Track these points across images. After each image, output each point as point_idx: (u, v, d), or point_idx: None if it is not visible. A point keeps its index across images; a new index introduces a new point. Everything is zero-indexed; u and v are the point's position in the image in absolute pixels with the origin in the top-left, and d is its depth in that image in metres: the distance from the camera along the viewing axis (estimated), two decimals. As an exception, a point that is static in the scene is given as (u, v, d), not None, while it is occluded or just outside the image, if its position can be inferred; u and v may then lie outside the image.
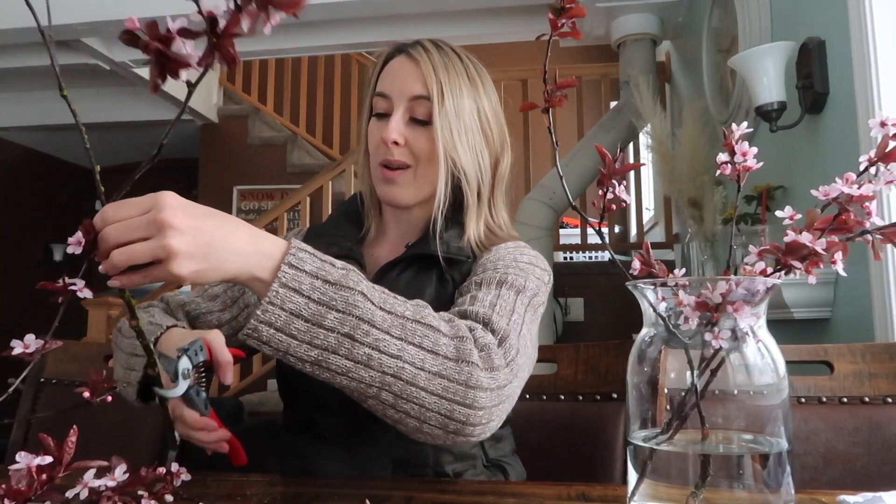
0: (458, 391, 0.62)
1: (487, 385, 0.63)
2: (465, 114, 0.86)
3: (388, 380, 0.60)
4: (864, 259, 1.35)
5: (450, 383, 0.62)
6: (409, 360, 0.60)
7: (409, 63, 0.86)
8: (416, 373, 0.60)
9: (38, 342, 0.44)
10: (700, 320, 0.47)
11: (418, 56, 0.86)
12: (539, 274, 0.84)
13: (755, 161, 0.53)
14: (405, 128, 0.85)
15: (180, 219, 0.55)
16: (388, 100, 0.86)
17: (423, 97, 0.85)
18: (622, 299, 3.11)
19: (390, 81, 0.87)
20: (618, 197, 0.54)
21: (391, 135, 0.84)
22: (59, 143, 5.41)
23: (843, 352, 0.92)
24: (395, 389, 0.60)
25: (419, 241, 0.90)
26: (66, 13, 3.04)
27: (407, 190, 0.87)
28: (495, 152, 0.91)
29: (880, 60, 1.32)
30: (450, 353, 0.63)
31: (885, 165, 0.47)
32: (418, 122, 0.86)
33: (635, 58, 3.08)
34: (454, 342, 0.64)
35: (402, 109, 0.85)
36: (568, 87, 0.55)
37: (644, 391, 0.52)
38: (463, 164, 0.86)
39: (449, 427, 0.63)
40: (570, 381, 1.01)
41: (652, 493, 0.50)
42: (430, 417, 0.62)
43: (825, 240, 0.46)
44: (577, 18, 0.54)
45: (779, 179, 1.82)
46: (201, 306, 0.94)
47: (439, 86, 0.84)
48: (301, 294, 0.57)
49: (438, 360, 0.62)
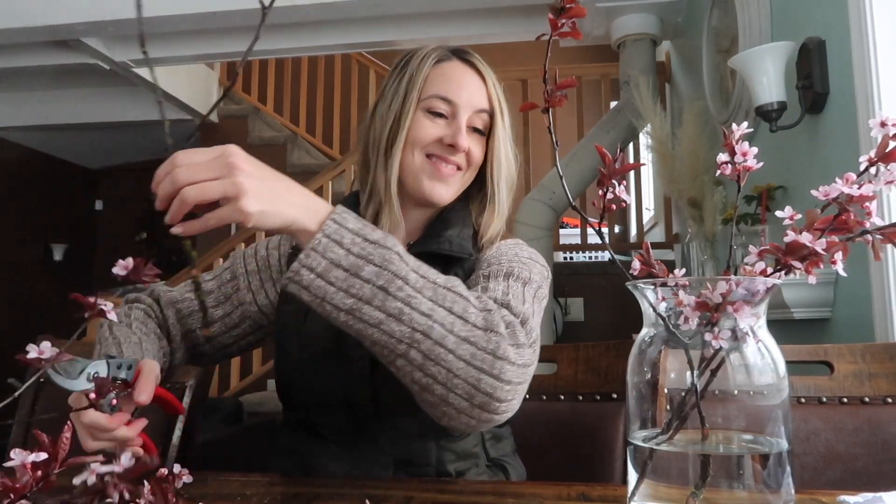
0: (485, 359, 0.63)
1: (515, 359, 0.65)
2: (509, 129, 0.94)
3: (418, 337, 0.61)
4: (864, 259, 1.35)
5: (478, 350, 0.63)
6: (438, 321, 0.62)
7: (474, 75, 0.91)
8: (445, 335, 0.62)
9: (53, 350, 0.44)
10: (700, 320, 0.47)
11: (481, 69, 0.92)
12: (540, 269, 0.87)
13: (755, 161, 0.53)
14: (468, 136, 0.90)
15: (248, 165, 0.59)
16: (451, 105, 0.89)
17: (484, 111, 0.90)
18: (622, 299, 3.11)
19: (455, 88, 0.89)
20: (618, 197, 0.54)
21: (465, 143, 0.88)
22: (59, 143, 5.41)
23: (843, 352, 0.92)
24: (424, 348, 0.62)
25: (421, 238, 0.91)
26: (66, 13, 3.04)
27: (453, 190, 0.91)
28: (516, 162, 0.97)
29: (880, 60, 1.32)
30: (479, 321, 0.64)
31: (885, 165, 0.47)
32: (476, 132, 0.91)
33: (635, 58, 3.08)
34: (483, 313, 0.65)
35: (467, 119, 0.89)
36: (568, 87, 0.55)
37: (644, 391, 0.52)
38: (504, 172, 0.92)
39: (475, 399, 0.64)
40: (570, 381, 1.01)
41: (652, 493, 0.50)
42: (457, 385, 0.63)
43: (825, 240, 0.46)
44: (577, 18, 0.53)
45: (779, 179, 1.82)
46: (194, 304, 0.93)
47: (499, 104, 0.91)
48: (342, 246, 0.60)
49: (468, 326, 0.63)
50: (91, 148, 5.62)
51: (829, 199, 0.48)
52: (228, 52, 3.54)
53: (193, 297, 0.93)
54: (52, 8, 3.05)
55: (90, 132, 5.08)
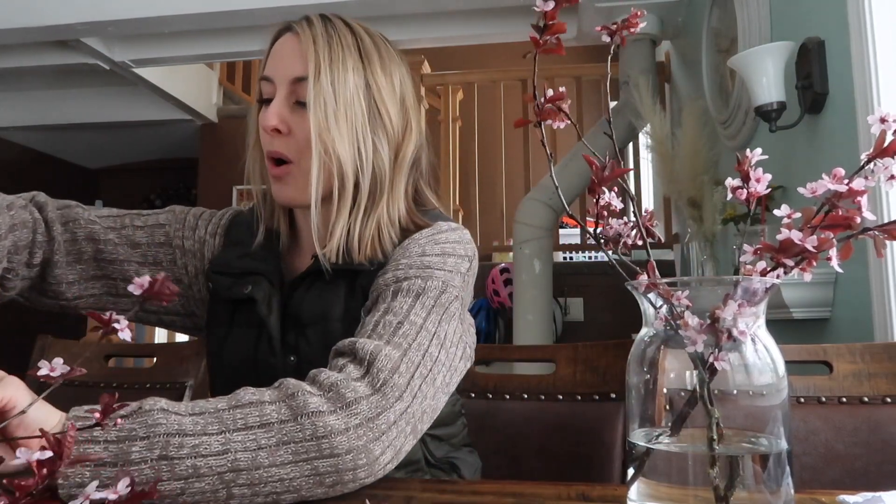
0: (309, 448, 0.57)
1: (344, 425, 0.58)
2: (347, 91, 0.75)
3: (229, 477, 0.54)
4: (864, 259, 1.35)
5: (297, 445, 0.57)
6: (239, 449, 0.55)
7: (293, 41, 0.77)
8: (254, 456, 0.55)
9: (65, 367, 0.43)
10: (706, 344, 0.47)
11: (300, 30, 0.77)
12: (452, 264, 0.75)
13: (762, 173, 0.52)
14: (289, 114, 0.76)
15: None
16: (271, 83, 0.77)
17: (304, 78, 0.75)
18: (622, 299, 3.11)
19: (273, 63, 0.78)
20: (608, 203, 0.54)
21: (269, 120, 0.74)
22: (59, 143, 5.41)
23: (842, 352, 0.92)
24: (244, 481, 0.55)
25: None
26: (66, 13, 3.04)
27: (295, 188, 0.77)
28: (393, 137, 0.80)
29: (880, 60, 1.32)
30: (283, 415, 0.58)
31: (881, 160, 0.47)
32: (302, 106, 0.76)
33: (635, 58, 3.08)
34: (284, 403, 0.59)
35: (285, 93, 0.76)
36: (558, 100, 0.55)
37: (643, 391, 0.52)
38: (338, 148, 0.74)
39: (326, 482, 0.58)
40: (569, 381, 1.02)
41: (652, 493, 0.50)
42: (301, 485, 0.57)
43: (816, 237, 0.46)
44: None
45: (778, 179, 1.81)
46: (119, 251, 0.82)
47: (316, 60, 0.74)
48: (96, 442, 0.53)
49: (272, 429, 0.57)
50: (91, 148, 5.61)
51: (816, 196, 0.48)
52: (228, 52, 3.54)
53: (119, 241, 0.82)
54: (52, 8, 3.05)
55: (90, 132, 5.08)
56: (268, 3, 2.94)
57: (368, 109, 0.77)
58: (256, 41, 3.37)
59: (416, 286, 0.71)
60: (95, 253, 0.82)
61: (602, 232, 0.56)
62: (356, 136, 0.76)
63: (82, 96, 4.48)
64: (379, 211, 0.78)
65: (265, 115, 0.76)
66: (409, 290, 0.71)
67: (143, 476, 0.52)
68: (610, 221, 0.56)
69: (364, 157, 0.77)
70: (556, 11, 0.53)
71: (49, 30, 3.14)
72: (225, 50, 3.47)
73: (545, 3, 0.52)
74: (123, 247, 0.83)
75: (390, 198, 0.79)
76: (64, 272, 0.81)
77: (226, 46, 3.43)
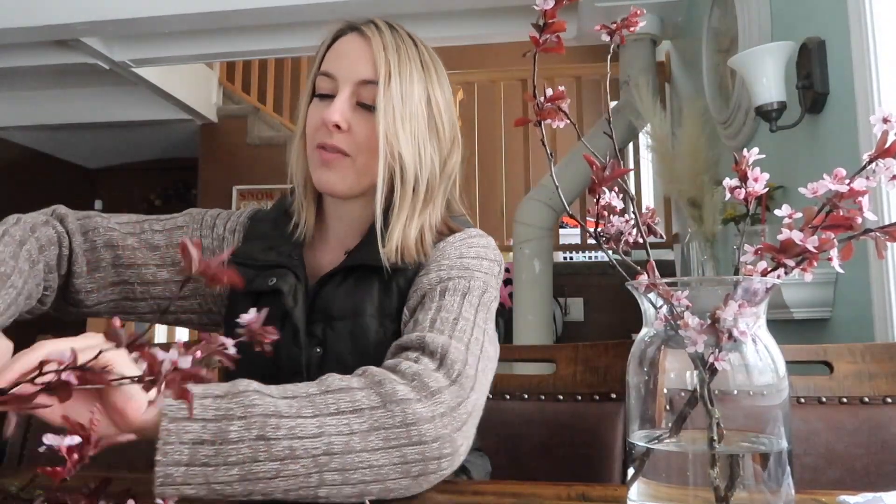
0: (399, 435, 0.58)
1: (430, 413, 0.60)
2: (412, 101, 0.80)
3: (323, 460, 0.55)
4: (864, 259, 1.35)
5: (388, 431, 0.58)
6: (333, 432, 0.56)
7: (360, 42, 0.80)
8: (347, 440, 0.56)
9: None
10: (706, 344, 0.47)
11: (370, 34, 0.80)
12: (487, 267, 0.80)
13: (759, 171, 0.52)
14: (350, 112, 0.79)
15: None
16: (333, 80, 0.80)
17: (371, 82, 0.78)
18: (622, 299, 3.11)
19: (337, 61, 0.81)
20: (609, 204, 0.54)
21: (333, 116, 0.77)
22: (59, 143, 5.41)
23: (842, 352, 0.92)
24: (336, 465, 0.56)
25: (358, 247, 0.83)
26: (65, 13, 3.04)
27: (344, 178, 0.80)
28: (444, 148, 0.84)
29: (880, 60, 1.32)
30: (373, 401, 0.59)
31: (883, 160, 0.47)
32: (365, 108, 0.79)
33: (635, 58, 3.08)
34: (372, 390, 0.60)
35: (348, 92, 0.79)
36: (558, 99, 0.55)
37: (643, 391, 0.52)
38: (403, 153, 0.78)
39: (412, 472, 0.58)
40: (569, 381, 1.01)
41: (652, 493, 0.50)
42: (388, 473, 0.57)
43: (817, 237, 0.46)
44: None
45: (779, 179, 1.82)
46: (137, 255, 0.83)
47: (387, 67, 0.78)
48: (194, 420, 0.53)
49: (364, 415, 0.58)
50: (91, 148, 5.61)
51: (817, 196, 0.48)
52: (228, 52, 3.54)
53: (138, 246, 0.84)
54: (52, 8, 3.05)
55: (90, 132, 5.08)
56: (267, 3, 2.94)
57: (428, 119, 0.82)
58: (256, 41, 3.38)
59: (461, 286, 0.75)
60: (114, 259, 0.83)
61: (603, 231, 0.56)
62: (417, 143, 0.80)
63: (82, 96, 4.47)
64: (424, 215, 0.83)
65: (330, 110, 0.78)
66: (455, 289, 0.75)
67: (240, 455, 0.53)
68: (611, 219, 0.56)
69: (423, 163, 0.81)
70: (555, 10, 0.53)
71: (49, 29, 3.14)
72: (225, 50, 3.47)
73: (544, 2, 0.52)
74: (142, 250, 0.84)
75: (433, 204, 0.84)
76: (84, 281, 0.82)
77: (226, 46, 3.43)
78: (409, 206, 0.81)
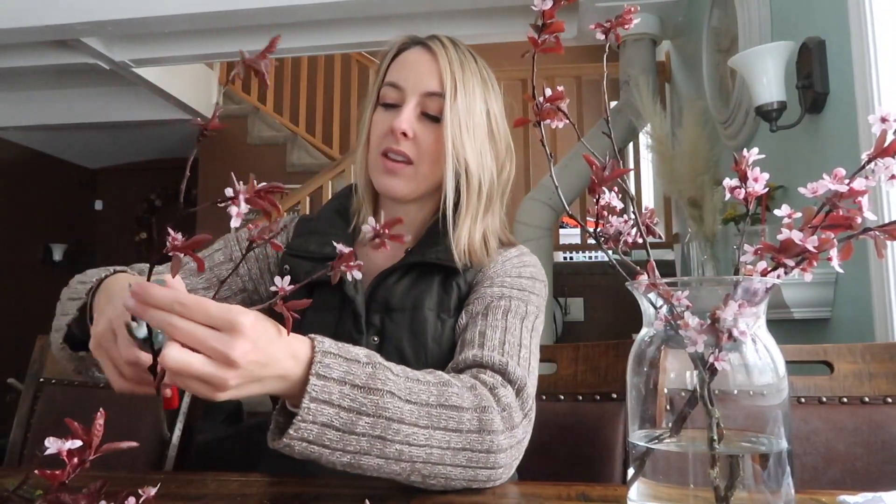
0: (480, 458, 0.65)
1: (507, 445, 0.67)
2: (475, 113, 0.86)
3: (418, 466, 0.62)
4: (864, 259, 1.35)
5: (473, 454, 0.64)
6: (436, 445, 0.62)
7: (426, 56, 0.86)
8: (443, 453, 0.63)
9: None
10: (706, 344, 0.47)
11: (436, 49, 0.85)
12: (539, 289, 0.87)
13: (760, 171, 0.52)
14: (416, 122, 0.84)
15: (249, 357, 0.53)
16: (400, 91, 0.85)
17: (436, 94, 0.84)
18: (622, 299, 3.11)
19: (405, 73, 0.86)
20: (609, 204, 0.54)
21: (402, 125, 0.82)
22: (59, 143, 5.41)
23: (842, 352, 0.92)
24: (424, 472, 0.63)
25: (419, 245, 0.88)
26: (66, 13, 3.04)
27: (407, 184, 0.86)
28: (501, 157, 0.91)
29: (880, 60, 1.32)
30: (473, 426, 0.65)
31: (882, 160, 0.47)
32: (429, 118, 0.85)
33: (635, 58, 3.08)
34: (477, 415, 0.66)
35: (415, 103, 0.84)
36: (558, 100, 0.55)
37: (644, 391, 0.52)
38: (469, 159, 0.84)
39: (473, 485, 0.67)
40: (570, 381, 1.01)
41: (652, 493, 0.50)
42: (456, 484, 0.66)
43: (817, 237, 0.46)
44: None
45: (779, 179, 1.82)
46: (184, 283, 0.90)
47: (453, 82, 0.84)
48: (331, 405, 0.57)
49: (462, 436, 0.64)
50: (91, 148, 5.61)
51: (816, 196, 0.48)
52: (228, 52, 3.54)
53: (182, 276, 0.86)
54: (52, 8, 3.04)
55: (90, 132, 5.08)
56: (267, 3, 2.94)
57: (488, 130, 0.88)
58: (256, 41, 3.37)
59: (521, 310, 0.81)
60: None
61: (602, 231, 0.56)
62: (479, 151, 0.86)
63: (82, 96, 4.47)
64: (486, 220, 0.89)
65: (398, 119, 0.83)
66: (516, 312, 0.81)
67: (358, 446, 0.58)
68: (610, 219, 0.56)
69: (485, 170, 0.87)
70: (554, 10, 0.53)
71: (49, 30, 3.14)
72: (225, 50, 3.47)
73: (543, 2, 0.52)
74: (188, 278, 0.88)
75: (492, 210, 0.90)
76: None
77: (226, 46, 3.43)
78: (473, 209, 0.87)
